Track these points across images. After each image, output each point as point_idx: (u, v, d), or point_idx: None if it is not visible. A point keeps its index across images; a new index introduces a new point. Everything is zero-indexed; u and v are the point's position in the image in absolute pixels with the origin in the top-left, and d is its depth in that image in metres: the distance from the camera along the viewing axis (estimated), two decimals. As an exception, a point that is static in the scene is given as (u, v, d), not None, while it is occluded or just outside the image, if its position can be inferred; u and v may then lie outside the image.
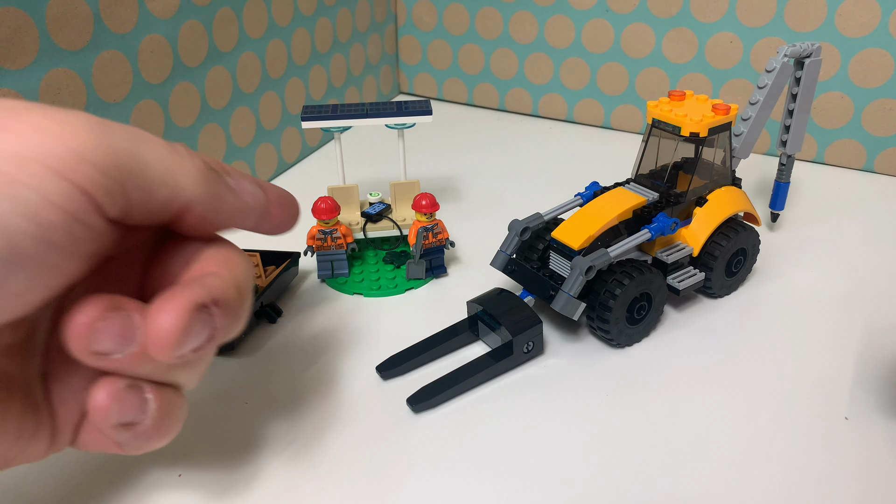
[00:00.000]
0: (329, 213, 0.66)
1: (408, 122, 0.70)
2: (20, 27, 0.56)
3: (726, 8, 0.89)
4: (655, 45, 0.95)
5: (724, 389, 0.55)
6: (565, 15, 1.00)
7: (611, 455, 0.49)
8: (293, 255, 0.67)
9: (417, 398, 0.53)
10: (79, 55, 0.61)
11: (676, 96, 0.63)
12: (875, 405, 0.53)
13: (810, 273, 0.69)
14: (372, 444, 0.50)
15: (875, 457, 0.49)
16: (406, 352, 0.58)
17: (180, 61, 0.72)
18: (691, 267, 0.63)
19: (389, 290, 0.67)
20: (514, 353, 0.56)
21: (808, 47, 0.66)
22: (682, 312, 0.64)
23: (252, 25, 0.82)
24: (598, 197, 0.62)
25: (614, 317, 0.57)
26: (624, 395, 0.55)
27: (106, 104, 0.64)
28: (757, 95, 0.67)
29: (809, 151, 0.91)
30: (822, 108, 0.88)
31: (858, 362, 0.57)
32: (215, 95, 0.78)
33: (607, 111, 1.03)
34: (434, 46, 1.13)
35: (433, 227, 0.67)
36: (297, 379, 0.57)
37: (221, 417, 0.53)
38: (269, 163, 0.89)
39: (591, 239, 0.58)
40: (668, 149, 0.63)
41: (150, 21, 0.68)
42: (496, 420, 0.52)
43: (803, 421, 0.52)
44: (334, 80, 1.00)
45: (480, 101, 1.13)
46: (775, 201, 0.75)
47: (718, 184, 0.64)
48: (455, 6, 1.08)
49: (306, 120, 0.69)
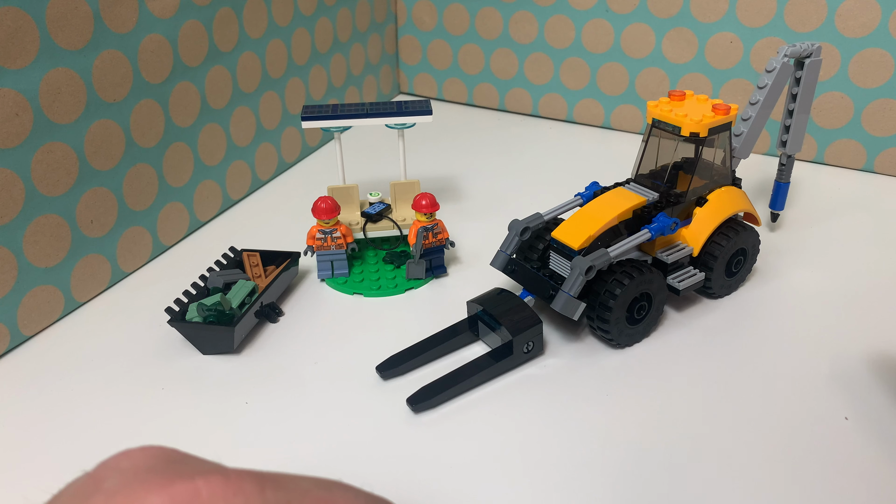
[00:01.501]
0: (329, 213, 0.66)
1: (408, 122, 0.70)
2: (20, 27, 0.56)
3: (726, 8, 0.89)
4: (655, 45, 0.95)
5: (724, 389, 0.55)
6: (565, 15, 1.00)
7: (611, 455, 0.49)
8: (293, 255, 0.67)
9: (417, 398, 0.53)
10: (79, 55, 0.61)
11: (676, 96, 0.63)
12: (875, 405, 0.53)
13: (810, 273, 0.69)
14: (372, 444, 0.50)
15: (875, 457, 0.49)
16: (406, 352, 0.58)
17: (180, 61, 0.72)
18: (691, 267, 0.63)
19: (389, 290, 0.67)
20: (514, 353, 0.56)
21: (808, 47, 0.66)
22: (682, 312, 0.64)
23: (252, 25, 0.82)
24: (598, 197, 0.62)
25: (614, 317, 0.57)
26: (624, 395, 0.55)
27: (106, 104, 0.64)
28: (757, 95, 0.67)
29: (809, 151, 0.91)
30: (822, 108, 0.88)
31: (858, 362, 0.57)
32: (215, 95, 0.78)
33: (607, 111, 1.03)
34: (434, 46, 1.13)
35: (433, 227, 0.67)
36: (298, 379, 0.57)
37: (221, 417, 0.53)
38: (269, 163, 0.89)
39: (591, 239, 0.58)
40: (668, 149, 0.63)
41: (150, 21, 0.68)
42: (496, 420, 0.52)
43: (803, 421, 0.52)
44: (334, 80, 1.00)
45: (480, 101, 1.13)
46: (775, 201, 0.75)
47: (718, 184, 0.64)
48: (455, 6, 1.08)
49: (306, 120, 0.69)
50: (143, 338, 0.61)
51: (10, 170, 0.57)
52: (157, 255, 0.74)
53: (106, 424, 0.53)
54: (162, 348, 0.60)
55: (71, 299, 0.65)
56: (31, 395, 0.55)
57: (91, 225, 0.65)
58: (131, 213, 0.70)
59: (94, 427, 0.52)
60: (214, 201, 0.81)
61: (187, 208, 0.77)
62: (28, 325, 0.61)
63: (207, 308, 0.58)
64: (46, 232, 0.61)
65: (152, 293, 0.67)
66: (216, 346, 0.59)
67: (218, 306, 0.58)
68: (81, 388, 0.56)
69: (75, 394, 0.55)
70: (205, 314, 0.58)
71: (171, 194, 0.74)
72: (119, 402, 0.55)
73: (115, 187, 0.67)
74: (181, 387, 0.56)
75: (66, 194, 0.62)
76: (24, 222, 0.59)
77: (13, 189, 0.57)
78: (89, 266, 0.66)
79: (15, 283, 0.59)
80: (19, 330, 0.60)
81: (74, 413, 0.54)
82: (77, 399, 0.55)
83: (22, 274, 0.60)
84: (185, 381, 0.57)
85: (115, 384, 0.56)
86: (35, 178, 0.59)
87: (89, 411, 0.54)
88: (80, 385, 0.56)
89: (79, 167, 0.63)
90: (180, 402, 0.55)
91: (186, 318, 0.59)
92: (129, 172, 0.68)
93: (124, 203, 0.69)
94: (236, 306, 0.60)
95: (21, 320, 0.60)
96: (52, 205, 0.61)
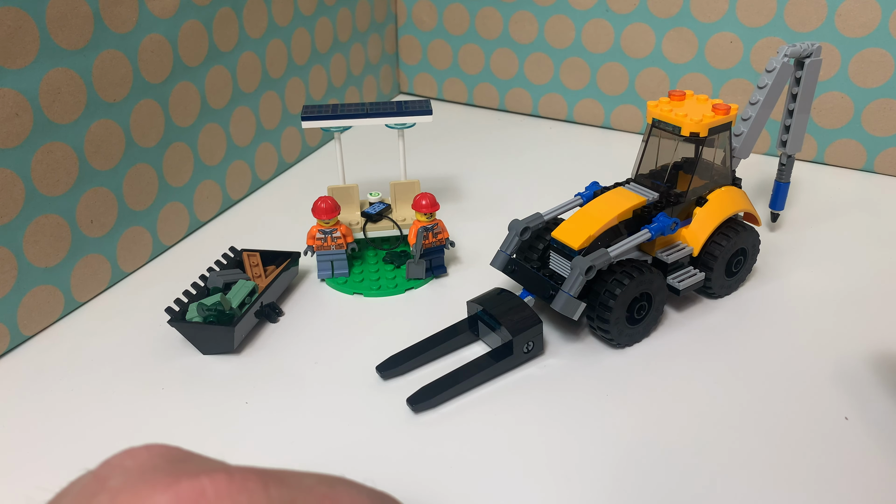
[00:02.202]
0: (329, 213, 0.66)
1: (408, 121, 0.70)
2: (20, 27, 0.56)
3: (726, 8, 0.89)
4: (655, 45, 0.95)
5: (724, 389, 0.55)
6: (565, 15, 1.00)
7: (611, 455, 0.49)
8: (293, 255, 0.67)
9: (417, 398, 0.53)
10: (79, 55, 0.61)
11: (676, 96, 0.63)
12: (875, 405, 0.53)
13: (810, 273, 0.69)
14: (372, 444, 0.50)
15: (875, 457, 0.49)
16: (406, 352, 0.58)
17: (180, 61, 0.72)
18: (691, 267, 0.63)
19: (389, 290, 0.67)
20: (514, 353, 0.56)
21: (808, 47, 0.66)
22: (682, 312, 0.64)
23: (252, 25, 0.82)
24: (598, 197, 0.62)
25: (614, 317, 0.57)
26: (624, 395, 0.55)
27: (106, 104, 0.64)
28: (757, 95, 0.67)
29: (809, 151, 0.91)
30: (822, 108, 0.88)
31: (858, 362, 0.57)
32: (215, 95, 0.78)
33: (607, 111, 1.03)
34: (434, 46, 1.13)
35: (433, 227, 0.67)
36: (298, 379, 0.57)
37: (221, 417, 0.53)
38: (269, 163, 0.89)
39: (591, 239, 0.58)
40: (668, 149, 0.63)
41: (150, 21, 0.68)
42: (496, 420, 0.52)
43: (803, 421, 0.52)
44: (334, 80, 1.00)
45: (480, 101, 1.13)
46: (775, 201, 0.75)
47: (718, 184, 0.64)
48: (455, 6, 1.08)
49: (306, 120, 0.69)
50: (143, 338, 0.61)
51: (10, 170, 0.57)
52: (157, 255, 0.74)
53: (106, 424, 0.53)
54: (162, 348, 0.60)
55: (71, 299, 0.65)
56: (31, 395, 0.55)
57: (91, 225, 0.65)
58: (131, 213, 0.70)
59: (94, 427, 0.52)
60: (214, 201, 0.81)
61: (187, 208, 0.77)
62: (28, 325, 0.61)
63: (207, 308, 0.58)
64: (46, 232, 0.61)
65: (152, 293, 0.67)
66: (216, 346, 0.59)
67: (218, 306, 0.58)
68: (81, 388, 0.56)
69: (75, 394, 0.55)
70: (205, 314, 0.58)
71: (171, 194, 0.74)
72: (119, 402, 0.55)
73: (115, 187, 0.67)
74: (181, 387, 0.56)
75: (66, 194, 0.62)
76: (24, 222, 0.59)
77: (13, 189, 0.57)
78: (89, 266, 0.66)
79: (15, 283, 0.59)
80: (19, 330, 0.60)
81: (74, 413, 0.54)
82: (77, 399, 0.55)
83: (22, 274, 0.60)
84: (185, 381, 0.57)
85: (115, 384, 0.56)
86: (35, 178, 0.59)
87: (89, 411, 0.54)
88: (80, 385, 0.56)
89: (79, 167, 0.63)
90: (180, 402, 0.55)
91: (186, 318, 0.59)
92: (129, 172, 0.68)
93: (124, 203, 0.69)
94: (236, 306, 0.60)
95: (21, 320, 0.60)
96: (52, 205, 0.61)
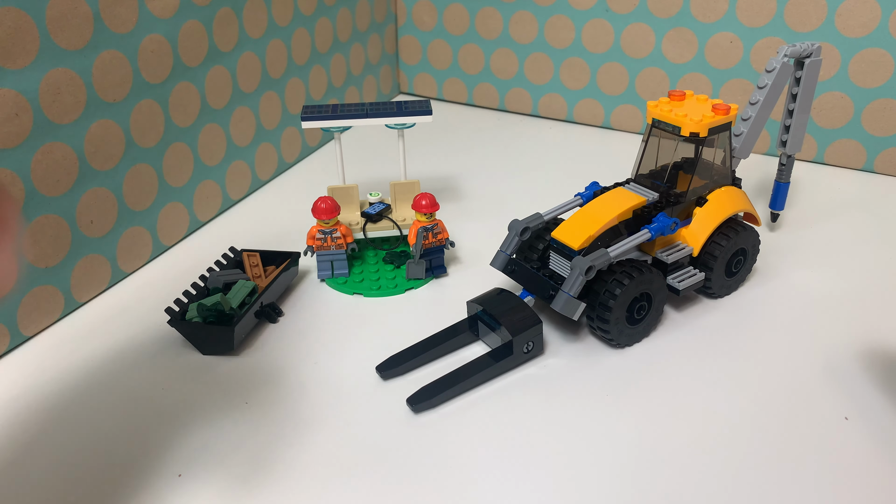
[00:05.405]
0: (329, 213, 0.66)
1: (408, 122, 0.70)
2: (20, 27, 0.56)
3: (726, 8, 0.89)
4: (655, 45, 0.95)
5: (724, 389, 0.55)
6: (565, 15, 1.00)
7: (611, 455, 0.49)
8: (293, 255, 0.67)
9: (417, 398, 0.53)
10: (79, 55, 0.61)
11: (676, 96, 0.63)
12: (875, 405, 0.53)
13: (810, 273, 0.69)
14: (372, 444, 0.51)
15: (875, 457, 0.49)
16: (406, 352, 0.58)
17: (180, 61, 0.72)
18: (691, 267, 0.63)
19: (389, 290, 0.67)
20: (514, 353, 0.56)
21: (808, 47, 0.66)
22: (682, 312, 0.64)
23: (252, 25, 0.82)
24: (598, 197, 0.62)
25: (614, 317, 0.57)
26: (624, 395, 0.55)
27: (106, 104, 0.64)
28: (757, 95, 0.67)
29: (809, 151, 0.91)
30: (822, 108, 0.88)
31: (858, 362, 0.57)
32: (215, 95, 0.78)
33: (607, 111, 1.03)
34: (434, 46, 1.13)
35: (433, 227, 0.67)
36: (297, 379, 0.57)
37: (221, 417, 0.53)
38: (269, 163, 0.89)
39: (591, 239, 0.58)
40: (668, 149, 0.64)
41: (150, 21, 0.68)
42: (496, 420, 0.52)
43: (803, 421, 0.52)
44: (334, 80, 1.00)
45: (480, 101, 1.13)
46: (775, 201, 0.75)
47: (718, 184, 0.64)
48: (455, 6, 1.08)
49: (306, 120, 0.69)
50: (142, 338, 0.61)
51: (10, 170, 0.57)
52: (157, 255, 0.74)
53: (106, 424, 0.53)
54: (162, 348, 0.60)
55: (71, 299, 0.65)
56: (31, 395, 0.55)
57: (91, 225, 0.65)
58: (131, 213, 0.70)
59: (94, 427, 0.52)
60: (214, 201, 0.81)
61: (187, 208, 0.77)
62: (28, 325, 0.61)
63: (207, 308, 0.58)
64: (46, 232, 0.61)
65: (152, 293, 0.67)
66: (216, 346, 0.59)
67: (218, 306, 0.58)
68: (81, 388, 0.56)
69: (75, 394, 0.55)
70: (205, 314, 0.58)
71: (171, 194, 0.74)
72: (119, 402, 0.55)
73: (114, 187, 0.67)
74: (181, 387, 0.56)
75: (65, 194, 0.62)
76: (24, 222, 0.59)
77: (13, 189, 0.57)
78: (89, 266, 0.66)
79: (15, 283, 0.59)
80: (19, 330, 0.60)
81: (74, 413, 0.54)
82: (77, 399, 0.55)
83: (22, 274, 0.60)
84: (185, 381, 0.57)
85: (115, 384, 0.56)
86: (35, 178, 0.59)
87: (89, 412, 0.54)
88: (80, 385, 0.56)
89: (79, 167, 0.63)
90: (180, 402, 0.55)
91: (186, 318, 0.59)
92: (128, 172, 0.68)
93: (124, 203, 0.69)
94: (236, 306, 0.60)
95: (21, 320, 0.60)
96: (52, 205, 0.61)
